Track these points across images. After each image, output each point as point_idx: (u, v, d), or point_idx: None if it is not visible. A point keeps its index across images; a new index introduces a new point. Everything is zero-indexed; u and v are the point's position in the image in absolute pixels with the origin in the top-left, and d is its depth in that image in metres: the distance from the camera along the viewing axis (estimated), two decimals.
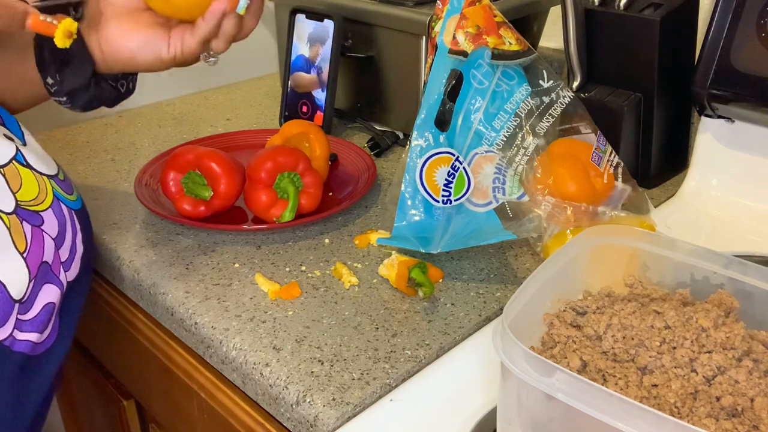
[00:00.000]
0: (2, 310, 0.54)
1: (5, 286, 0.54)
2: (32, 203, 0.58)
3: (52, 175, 0.63)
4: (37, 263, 0.57)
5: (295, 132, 0.90)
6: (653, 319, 0.49)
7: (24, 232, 0.56)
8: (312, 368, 0.62)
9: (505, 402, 0.49)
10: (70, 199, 0.64)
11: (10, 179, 0.57)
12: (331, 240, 0.81)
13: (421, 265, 0.71)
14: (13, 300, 0.55)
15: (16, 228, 0.56)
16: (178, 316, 0.72)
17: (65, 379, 1.14)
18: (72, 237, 0.63)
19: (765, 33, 0.75)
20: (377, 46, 1.03)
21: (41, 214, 0.59)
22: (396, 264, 0.72)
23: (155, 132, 1.11)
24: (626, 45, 0.85)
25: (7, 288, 0.54)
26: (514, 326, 0.46)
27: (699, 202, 0.86)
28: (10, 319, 0.55)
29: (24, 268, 0.56)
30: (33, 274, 0.56)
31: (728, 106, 0.79)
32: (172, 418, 0.85)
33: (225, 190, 0.82)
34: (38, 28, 0.57)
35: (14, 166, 0.58)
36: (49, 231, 0.59)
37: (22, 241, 0.56)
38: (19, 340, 0.57)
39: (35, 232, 0.58)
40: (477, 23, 0.74)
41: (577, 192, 0.74)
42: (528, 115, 0.75)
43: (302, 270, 0.76)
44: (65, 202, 0.63)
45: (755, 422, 0.43)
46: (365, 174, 0.91)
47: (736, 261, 0.54)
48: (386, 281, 0.73)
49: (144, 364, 0.84)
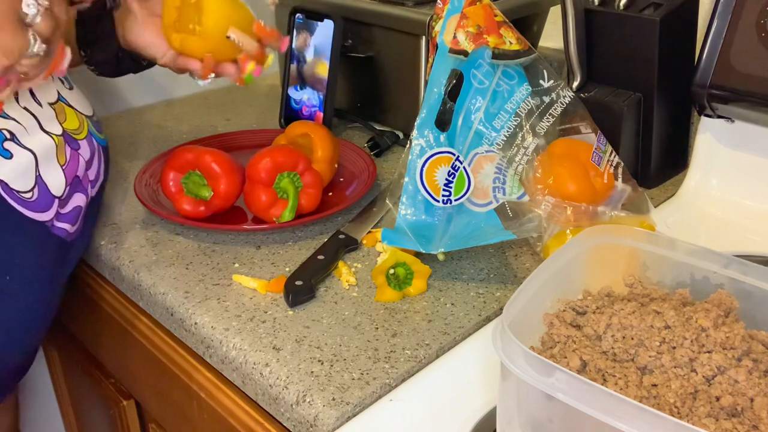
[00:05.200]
0: (46, 201, 0.72)
1: (47, 186, 0.72)
2: (73, 132, 0.76)
3: (89, 116, 0.80)
4: (72, 175, 0.75)
5: (300, 132, 0.90)
6: (653, 319, 0.49)
7: (66, 151, 0.74)
8: (312, 368, 0.62)
9: (505, 402, 0.49)
10: (100, 137, 0.82)
11: (58, 113, 0.75)
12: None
13: (403, 264, 0.72)
14: (54, 196, 0.73)
15: (60, 147, 0.74)
16: (178, 316, 0.72)
17: (66, 378, 1.14)
18: (97, 164, 0.80)
19: (765, 33, 0.75)
20: (377, 46, 1.03)
21: (79, 141, 0.77)
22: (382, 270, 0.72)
23: (155, 132, 1.11)
24: (626, 45, 0.84)
25: (49, 187, 0.72)
26: (514, 326, 0.46)
27: (699, 202, 0.86)
28: (51, 208, 0.73)
29: (62, 176, 0.74)
30: (68, 182, 0.74)
31: (728, 106, 0.79)
32: (172, 418, 0.85)
33: (225, 189, 0.82)
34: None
35: (61, 104, 0.76)
36: (83, 155, 0.77)
37: (63, 157, 0.74)
38: (56, 226, 0.74)
39: (73, 153, 0.75)
40: (477, 23, 0.74)
41: (577, 192, 0.74)
42: (528, 114, 0.75)
43: None
44: (96, 138, 0.80)
45: (755, 422, 0.43)
46: (365, 174, 0.91)
47: (736, 261, 0.54)
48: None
49: (144, 364, 0.84)
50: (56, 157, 0.73)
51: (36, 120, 0.71)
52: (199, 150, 0.84)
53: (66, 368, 1.12)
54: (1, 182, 0.68)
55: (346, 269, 0.75)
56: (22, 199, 0.70)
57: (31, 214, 0.71)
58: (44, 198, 0.72)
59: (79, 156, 0.76)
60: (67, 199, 0.75)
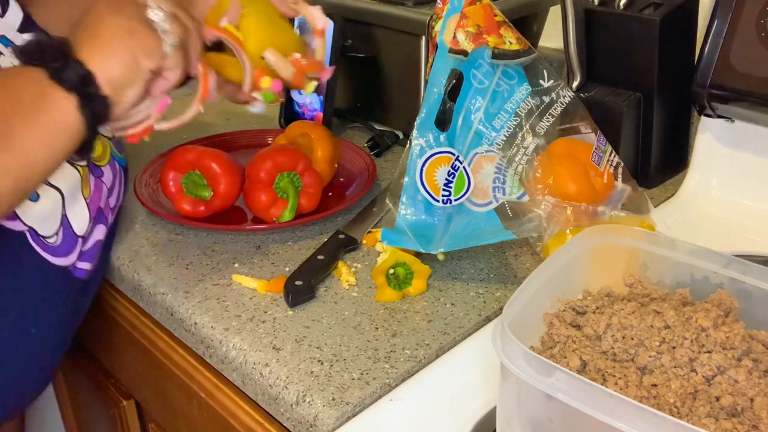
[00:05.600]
0: (69, 244, 0.69)
1: (71, 225, 0.69)
2: (97, 159, 0.73)
3: (110, 137, 0.77)
4: (96, 208, 0.72)
5: (300, 132, 0.90)
6: (653, 319, 0.49)
7: (90, 182, 0.71)
8: (312, 368, 0.62)
9: (505, 402, 0.49)
10: (121, 158, 0.79)
11: None
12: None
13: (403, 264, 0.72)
14: (77, 236, 0.70)
15: (85, 178, 0.70)
16: (178, 316, 0.72)
17: (66, 379, 1.14)
18: (118, 189, 0.78)
19: (765, 33, 0.75)
20: (377, 46, 1.02)
21: (102, 168, 0.74)
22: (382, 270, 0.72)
23: (155, 132, 1.11)
24: (626, 45, 0.84)
25: (73, 227, 0.69)
26: (514, 326, 0.46)
27: (699, 202, 0.86)
28: (74, 251, 0.70)
29: (86, 211, 0.70)
30: (92, 216, 0.71)
31: (728, 106, 0.79)
32: (172, 418, 0.85)
33: (225, 189, 0.82)
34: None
35: None
36: (106, 182, 0.74)
37: (87, 188, 0.70)
38: (78, 268, 0.72)
39: (96, 182, 0.72)
40: (477, 23, 0.74)
41: (577, 192, 0.74)
42: (528, 114, 0.75)
43: None
44: (117, 160, 0.77)
45: (755, 422, 0.43)
46: (365, 174, 0.91)
47: (736, 261, 0.54)
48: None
49: (144, 364, 0.84)
50: (81, 190, 0.70)
51: None
52: (199, 150, 0.84)
53: (66, 368, 1.12)
54: (30, 230, 0.65)
55: (346, 269, 0.75)
56: (47, 244, 0.67)
57: (54, 260, 0.68)
58: (68, 240, 0.69)
59: (103, 184, 0.73)
60: (88, 235, 0.72)
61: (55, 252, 0.68)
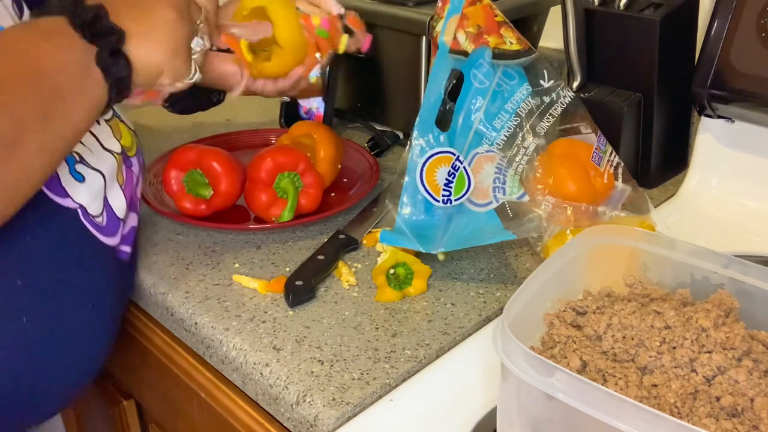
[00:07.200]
0: (113, 225, 0.70)
1: (112, 208, 0.70)
2: (128, 149, 0.75)
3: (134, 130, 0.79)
4: (129, 195, 0.73)
5: (303, 132, 0.90)
6: (653, 319, 0.49)
7: (123, 170, 0.73)
8: (312, 368, 0.62)
9: (505, 402, 0.49)
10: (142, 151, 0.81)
11: (114, 130, 0.73)
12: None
13: (404, 264, 0.72)
14: (118, 218, 0.71)
15: (119, 166, 0.72)
16: (178, 316, 0.72)
17: None
18: (142, 180, 0.79)
19: (765, 33, 0.75)
20: (377, 46, 1.02)
21: (131, 159, 0.75)
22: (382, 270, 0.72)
23: (155, 132, 1.11)
24: (626, 45, 0.84)
25: (114, 209, 0.71)
26: (514, 326, 0.46)
27: (699, 202, 0.86)
28: (118, 232, 0.71)
29: (122, 196, 0.72)
30: (128, 201, 0.73)
31: (728, 106, 0.79)
32: (172, 418, 0.85)
33: (225, 189, 0.82)
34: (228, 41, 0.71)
35: (116, 120, 0.74)
36: (135, 172, 0.76)
37: (121, 177, 0.72)
38: (121, 250, 0.73)
39: (128, 172, 0.74)
40: (478, 23, 0.74)
41: (577, 192, 0.74)
42: (528, 114, 0.75)
43: None
44: (141, 153, 0.79)
45: (755, 422, 0.43)
46: (367, 174, 0.91)
47: (736, 261, 0.54)
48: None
49: (144, 364, 0.84)
50: (116, 177, 0.71)
51: (96, 139, 0.70)
52: (200, 149, 0.84)
53: None
54: (81, 207, 0.66)
55: (346, 269, 0.75)
56: (96, 224, 0.69)
57: (103, 239, 0.70)
58: (112, 222, 0.71)
59: (132, 174, 0.75)
60: (126, 220, 0.73)
61: (103, 231, 0.69)
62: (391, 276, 0.72)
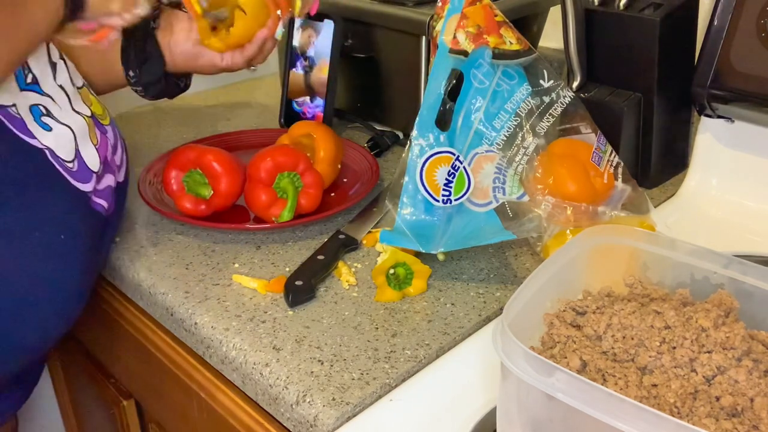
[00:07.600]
0: (85, 174, 0.73)
1: (84, 160, 0.73)
2: (99, 116, 0.78)
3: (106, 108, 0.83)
4: (104, 155, 0.76)
5: (303, 132, 0.90)
6: (653, 319, 0.49)
7: (96, 133, 0.75)
8: (312, 368, 0.62)
9: (505, 402, 0.49)
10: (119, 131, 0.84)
11: (84, 97, 0.76)
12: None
13: (403, 264, 0.72)
14: (91, 171, 0.73)
15: (91, 128, 0.75)
16: (178, 316, 0.72)
17: (66, 378, 1.14)
18: (121, 151, 0.82)
19: (765, 33, 0.75)
20: (377, 46, 1.02)
21: (104, 126, 0.78)
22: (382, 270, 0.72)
23: (155, 132, 1.11)
24: (626, 45, 0.84)
25: (86, 161, 0.73)
26: (514, 326, 0.46)
27: (699, 202, 0.86)
28: (90, 181, 0.73)
29: (96, 155, 0.74)
30: (102, 160, 0.75)
31: (728, 106, 0.79)
32: (172, 418, 0.85)
33: (225, 188, 0.82)
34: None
35: (86, 90, 0.78)
36: (110, 139, 0.78)
37: (95, 137, 0.75)
38: (95, 201, 0.74)
39: (102, 136, 0.76)
40: (477, 23, 0.74)
41: (577, 192, 0.74)
42: (528, 114, 0.75)
43: None
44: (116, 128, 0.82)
45: (755, 422, 0.43)
46: (367, 174, 0.91)
47: (736, 261, 0.54)
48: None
49: (144, 364, 0.84)
50: (89, 136, 0.74)
51: (68, 99, 0.73)
52: (200, 149, 0.84)
53: (66, 368, 1.12)
54: (47, 148, 0.69)
55: (346, 269, 0.75)
56: (66, 167, 0.71)
57: (74, 182, 0.72)
58: (84, 171, 0.73)
59: (107, 139, 0.77)
60: (101, 176, 0.75)
61: (74, 176, 0.72)
62: (391, 276, 0.72)
